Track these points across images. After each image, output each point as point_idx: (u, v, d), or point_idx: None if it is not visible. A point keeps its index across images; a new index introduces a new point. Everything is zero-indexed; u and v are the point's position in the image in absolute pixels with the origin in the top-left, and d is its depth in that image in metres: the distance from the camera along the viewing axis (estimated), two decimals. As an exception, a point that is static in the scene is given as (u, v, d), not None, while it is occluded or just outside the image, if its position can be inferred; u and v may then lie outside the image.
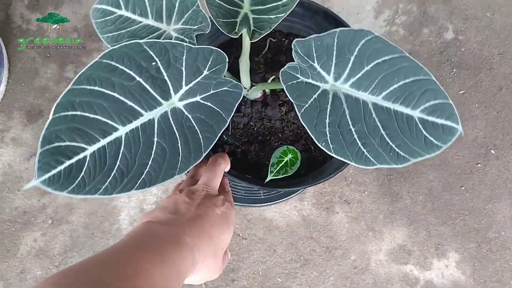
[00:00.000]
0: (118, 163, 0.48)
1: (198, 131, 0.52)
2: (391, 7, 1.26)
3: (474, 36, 1.26)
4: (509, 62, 1.26)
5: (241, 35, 0.65)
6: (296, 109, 0.55)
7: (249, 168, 0.86)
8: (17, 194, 1.09)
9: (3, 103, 1.11)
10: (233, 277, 1.11)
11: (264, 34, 0.62)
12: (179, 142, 0.51)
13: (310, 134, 0.55)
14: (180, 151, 0.51)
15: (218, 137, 0.52)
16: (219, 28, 0.60)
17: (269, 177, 0.75)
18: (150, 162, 0.49)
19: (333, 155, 0.55)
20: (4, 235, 1.08)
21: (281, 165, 0.76)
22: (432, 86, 0.55)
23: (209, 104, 0.54)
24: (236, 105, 0.55)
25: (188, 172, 0.54)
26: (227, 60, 0.56)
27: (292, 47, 0.57)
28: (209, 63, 0.55)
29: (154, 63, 0.52)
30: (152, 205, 1.11)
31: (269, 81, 0.84)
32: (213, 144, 0.52)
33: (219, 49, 0.56)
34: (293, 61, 0.58)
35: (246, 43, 0.69)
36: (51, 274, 0.35)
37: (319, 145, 0.55)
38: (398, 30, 1.25)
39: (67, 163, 0.46)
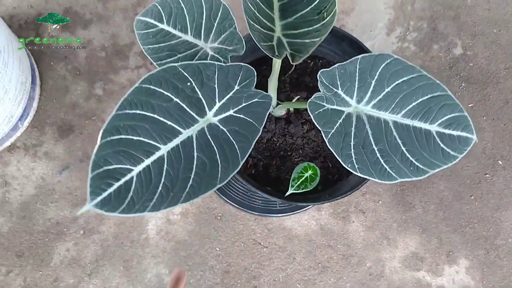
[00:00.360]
0: (163, 179, 0.51)
1: (234, 142, 0.56)
2: (402, 24, 1.31)
3: (482, 52, 1.32)
4: (515, 76, 1.32)
5: (268, 57, 0.68)
6: (323, 136, 0.59)
7: (270, 181, 0.91)
8: (50, 206, 1.14)
9: (36, 119, 1.16)
10: (255, 284, 1.16)
11: (305, 57, 0.65)
12: (217, 154, 0.54)
13: (337, 157, 0.59)
14: (219, 162, 0.54)
15: (252, 146, 0.56)
16: (264, 51, 0.64)
17: (290, 191, 0.79)
18: (192, 176, 0.52)
19: (359, 174, 0.59)
20: (38, 245, 1.13)
21: (301, 180, 0.80)
22: (449, 101, 0.58)
23: (241, 116, 0.58)
24: (267, 114, 0.59)
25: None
26: (255, 73, 0.60)
27: (318, 78, 0.62)
28: (239, 78, 0.59)
29: (189, 83, 0.56)
30: (178, 215, 1.16)
31: (293, 100, 0.89)
32: (249, 152, 0.55)
33: (247, 65, 0.60)
34: (317, 81, 0.62)
35: (277, 64, 0.73)
36: None
37: (345, 166, 0.59)
38: (409, 46, 1.31)
39: (116, 185, 0.48)
